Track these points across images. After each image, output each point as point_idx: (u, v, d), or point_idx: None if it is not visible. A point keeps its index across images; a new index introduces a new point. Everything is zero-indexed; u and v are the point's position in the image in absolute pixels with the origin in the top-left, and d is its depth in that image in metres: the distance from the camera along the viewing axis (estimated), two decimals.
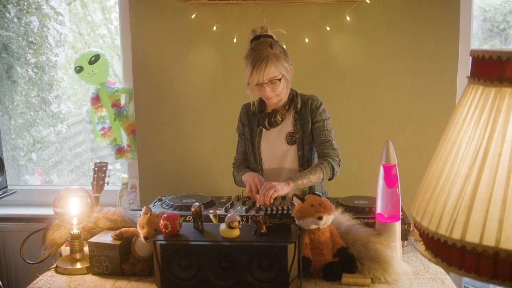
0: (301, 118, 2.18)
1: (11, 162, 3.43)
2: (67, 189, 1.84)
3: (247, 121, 2.28)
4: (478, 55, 0.77)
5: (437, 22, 2.76)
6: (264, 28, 2.17)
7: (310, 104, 2.17)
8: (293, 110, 2.20)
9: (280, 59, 2.07)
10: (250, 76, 2.06)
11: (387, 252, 1.59)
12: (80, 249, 1.75)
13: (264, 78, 2.04)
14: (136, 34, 2.91)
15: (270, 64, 2.03)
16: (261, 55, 2.04)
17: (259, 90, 2.09)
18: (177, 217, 1.61)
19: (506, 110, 0.72)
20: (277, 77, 2.06)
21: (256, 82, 2.06)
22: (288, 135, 2.20)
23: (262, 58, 2.03)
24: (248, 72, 2.06)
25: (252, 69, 2.04)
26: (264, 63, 2.02)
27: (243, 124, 2.30)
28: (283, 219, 1.62)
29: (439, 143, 0.87)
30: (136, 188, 3.09)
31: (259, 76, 2.04)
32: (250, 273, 1.51)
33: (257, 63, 2.03)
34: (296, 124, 2.18)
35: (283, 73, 2.08)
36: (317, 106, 2.17)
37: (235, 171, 2.32)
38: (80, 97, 3.68)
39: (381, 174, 1.68)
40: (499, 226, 0.70)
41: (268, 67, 2.03)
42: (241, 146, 2.35)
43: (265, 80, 2.04)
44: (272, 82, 2.06)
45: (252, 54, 2.07)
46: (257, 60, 2.03)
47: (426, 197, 0.83)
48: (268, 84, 2.05)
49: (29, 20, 3.26)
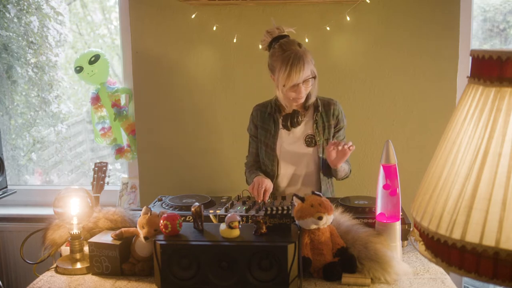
0: (322, 121, 2.17)
1: (11, 162, 3.43)
2: (67, 189, 1.84)
3: (260, 122, 2.23)
4: (478, 55, 0.77)
5: (437, 22, 2.76)
6: (280, 29, 2.13)
7: (333, 109, 2.18)
8: (313, 112, 2.18)
9: (309, 57, 2.04)
10: (288, 78, 1.99)
11: (387, 252, 1.59)
12: (80, 249, 1.75)
13: (301, 78, 2.00)
14: (136, 34, 2.91)
15: (306, 63, 2.00)
16: (295, 55, 1.99)
17: (294, 91, 2.04)
18: (177, 217, 1.61)
19: (506, 110, 0.72)
20: (311, 76, 2.04)
21: (294, 83, 2.01)
22: (307, 137, 2.17)
23: (298, 58, 1.98)
24: (285, 74, 1.99)
25: (290, 70, 1.98)
26: (301, 62, 1.98)
27: (256, 126, 2.25)
28: (283, 219, 1.62)
29: (439, 143, 0.87)
30: (136, 188, 3.09)
31: (297, 77, 1.99)
32: (250, 273, 1.52)
33: (294, 63, 1.98)
34: (317, 127, 2.17)
35: (314, 71, 2.06)
36: (340, 112, 2.20)
37: (247, 172, 2.32)
38: (80, 97, 3.69)
39: (381, 174, 1.68)
40: (499, 226, 0.70)
41: (305, 66, 1.99)
42: (253, 148, 2.31)
43: (302, 80, 2.01)
44: (306, 81, 2.03)
45: (285, 55, 2.01)
46: (294, 60, 1.98)
47: (426, 197, 0.83)
48: (303, 84, 2.02)
49: (29, 20, 3.26)
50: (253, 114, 2.27)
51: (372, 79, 2.85)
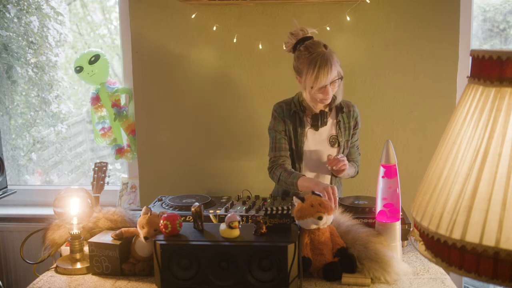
0: (344, 122, 2.21)
1: (11, 162, 3.43)
2: (67, 189, 1.84)
3: (287, 118, 2.20)
4: (478, 55, 0.77)
5: (437, 22, 2.76)
6: (304, 30, 2.13)
7: (353, 111, 2.24)
8: (336, 113, 2.21)
9: (336, 58, 2.05)
10: (316, 80, 2.00)
11: (387, 252, 1.59)
12: (80, 249, 1.75)
13: (329, 79, 2.01)
14: (136, 34, 2.91)
15: (333, 65, 2.01)
16: (323, 56, 2.00)
17: (321, 92, 2.05)
18: (177, 217, 1.61)
19: (506, 110, 0.72)
20: (337, 77, 2.05)
21: (322, 85, 2.02)
22: (331, 137, 2.20)
23: (326, 59, 1.99)
24: (313, 76, 2.00)
25: (318, 71, 1.99)
26: (329, 64, 1.99)
27: (284, 122, 2.19)
28: (283, 219, 1.62)
29: (439, 143, 0.87)
30: (136, 188, 3.09)
31: (326, 79, 2.00)
32: (250, 273, 1.51)
33: (322, 64, 1.99)
34: (340, 128, 2.20)
35: (341, 72, 2.07)
36: (358, 115, 2.26)
37: (283, 172, 2.12)
38: (80, 97, 3.69)
39: (381, 174, 1.69)
40: (499, 226, 0.70)
41: (333, 68, 2.00)
42: (284, 143, 2.19)
43: (329, 81, 2.02)
44: (333, 83, 2.04)
45: (311, 58, 2.01)
46: (321, 62, 1.99)
47: (426, 197, 0.83)
48: (330, 85, 2.03)
49: (29, 20, 3.26)
50: (278, 111, 2.21)
51: (372, 79, 2.85)
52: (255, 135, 2.91)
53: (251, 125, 2.92)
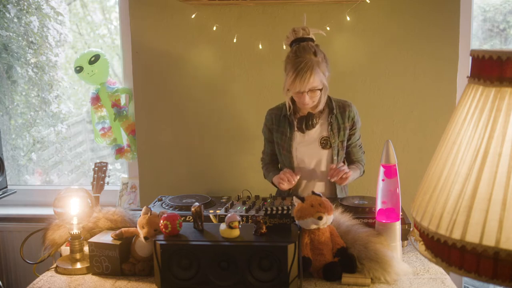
0: (337, 123, 2.18)
1: (11, 162, 3.43)
2: (67, 189, 1.84)
3: (276, 125, 2.23)
4: (478, 55, 0.77)
5: (437, 22, 2.76)
6: (306, 30, 2.10)
7: (348, 112, 2.19)
8: (328, 114, 2.19)
9: (322, 68, 2.03)
10: (292, 84, 2.01)
11: (387, 252, 1.59)
12: (80, 249, 1.75)
13: (306, 88, 2.00)
14: (136, 34, 2.91)
15: (314, 75, 1.99)
16: (305, 63, 1.98)
17: (298, 97, 2.06)
18: (177, 217, 1.61)
19: (506, 110, 0.72)
20: (318, 87, 2.03)
21: (298, 91, 2.02)
22: (323, 139, 2.18)
23: (306, 68, 1.98)
24: (290, 79, 2.01)
25: (295, 77, 1.99)
26: (308, 73, 1.98)
27: (270, 130, 2.26)
28: (283, 219, 1.62)
29: (439, 143, 0.86)
30: (136, 188, 3.09)
31: (302, 86, 1.99)
32: (250, 273, 1.51)
33: (300, 72, 1.98)
34: (332, 129, 2.18)
35: (324, 82, 2.05)
36: (356, 114, 2.22)
37: (264, 168, 2.38)
38: (80, 97, 3.69)
39: (381, 174, 1.69)
40: (499, 226, 0.70)
41: (312, 77, 1.99)
42: (268, 149, 2.34)
43: (307, 89, 2.01)
44: (312, 91, 2.03)
45: (295, 61, 2.01)
46: (301, 69, 1.98)
47: (426, 197, 0.83)
48: (308, 93, 2.03)
49: (29, 20, 3.26)
50: (267, 118, 2.27)
51: (372, 79, 2.85)
52: (255, 135, 2.90)
53: (251, 125, 2.92)
